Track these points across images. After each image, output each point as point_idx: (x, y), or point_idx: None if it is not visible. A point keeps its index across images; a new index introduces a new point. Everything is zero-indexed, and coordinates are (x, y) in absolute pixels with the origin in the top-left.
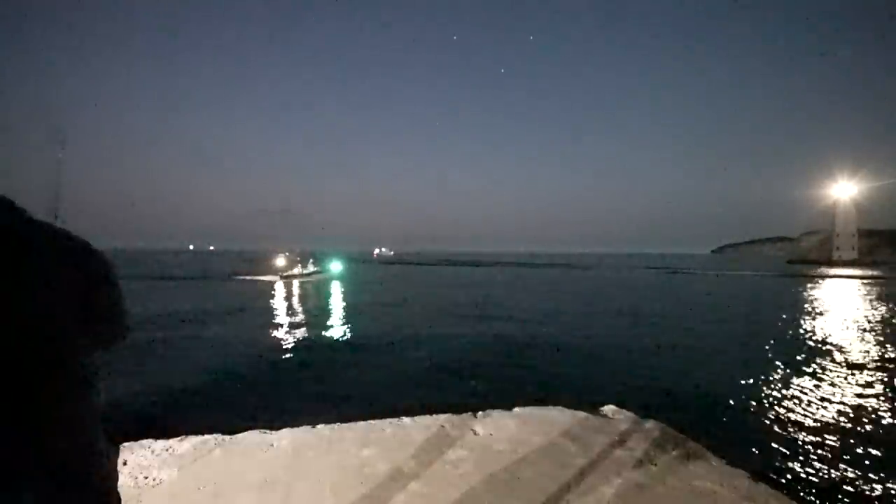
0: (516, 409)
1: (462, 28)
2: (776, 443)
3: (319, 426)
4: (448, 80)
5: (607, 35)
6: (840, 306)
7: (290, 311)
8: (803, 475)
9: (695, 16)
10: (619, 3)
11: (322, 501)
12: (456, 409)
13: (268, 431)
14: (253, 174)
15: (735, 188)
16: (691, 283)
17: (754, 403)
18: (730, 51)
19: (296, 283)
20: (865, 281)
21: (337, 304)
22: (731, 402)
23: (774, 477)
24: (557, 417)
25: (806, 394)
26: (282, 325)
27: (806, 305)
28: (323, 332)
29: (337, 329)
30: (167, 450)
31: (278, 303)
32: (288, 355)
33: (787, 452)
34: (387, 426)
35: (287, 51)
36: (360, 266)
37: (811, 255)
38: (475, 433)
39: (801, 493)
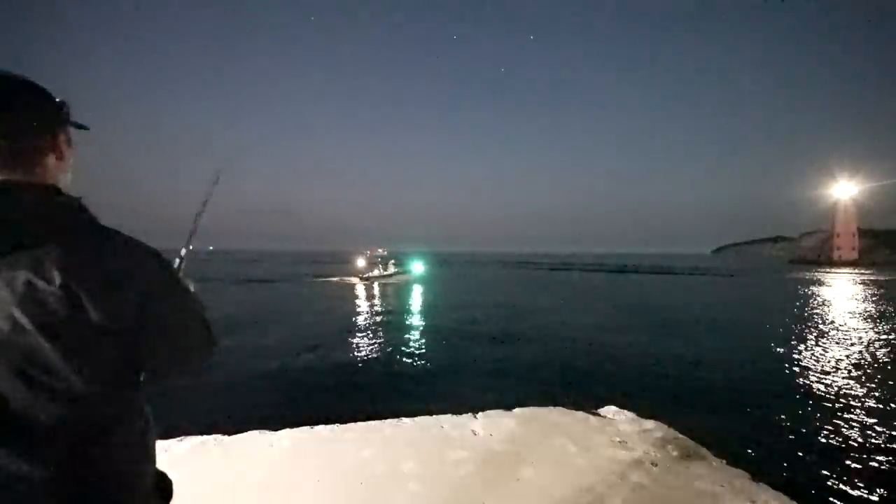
0: (516, 410)
1: (462, 28)
2: (777, 443)
3: (319, 427)
4: (448, 80)
5: (607, 35)
6: (842, 308)
7: (373, 313)
8: (804, 475)
9: (696, 15)
10: (620, 2)
11: (321, 502)
12: (456, 409)
13: (267, 432)
14: (251, 173)
15: (735, 188)
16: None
17: (755, 404)
18: (730, 50)
19: (376, 285)
20: (866, 282)
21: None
22: (733, 402)
23: (775, 477)
24: (557, 418)
25: (807, 394)
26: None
27: (808, 306)
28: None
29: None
30: (165, 450)
31: (363, 308)
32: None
33: (789, 453)
34: (386, 427)
35: (286, 49)
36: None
37: (811, 255)
38: (475, 433)
39: (802, 494)
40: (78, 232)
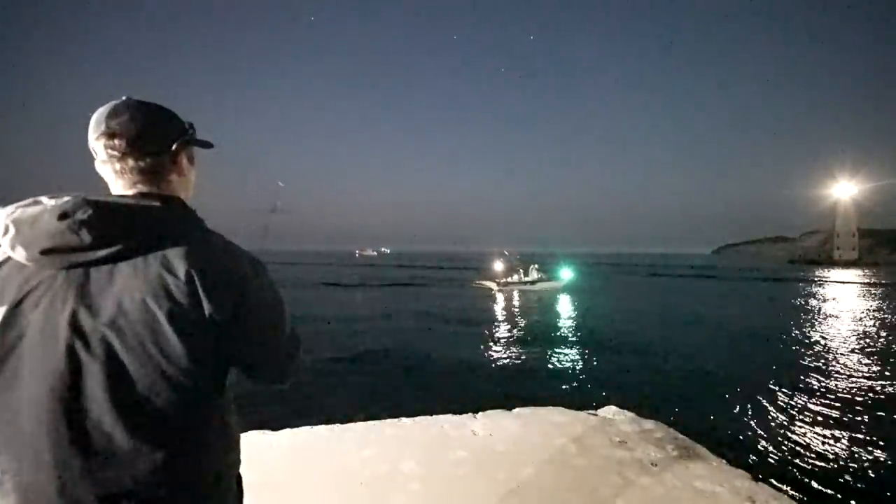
0: (516, 410)
1: (462, 28)
2: (777, 443)
3: (319, 427)
4: (448, 80)
5: (607, 35)
6: (842, 309)
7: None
8: (804, 475)
9: (694, 16)
10: (619, 3)
11: (321, 502)
12: (456, 409)
13: (268, 432)
14: (247, 173)
15: (735, 188)
16: None
17: (756, 404)
18: (730, 51)
19: (516, 292)
20: (865, 282)
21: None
22: (733, 402)
23: (775, 477)
24: (558, 418)
25: (808, 396)
26: None
27: (808, 307)
28: None
29: None
30: None
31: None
32: None
33: (789, 453)
34: (387, 427)
35: (285, 48)
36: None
37: (812, 255)
38: (475, 434)
39: (803, 494)
40: (195, 236)
